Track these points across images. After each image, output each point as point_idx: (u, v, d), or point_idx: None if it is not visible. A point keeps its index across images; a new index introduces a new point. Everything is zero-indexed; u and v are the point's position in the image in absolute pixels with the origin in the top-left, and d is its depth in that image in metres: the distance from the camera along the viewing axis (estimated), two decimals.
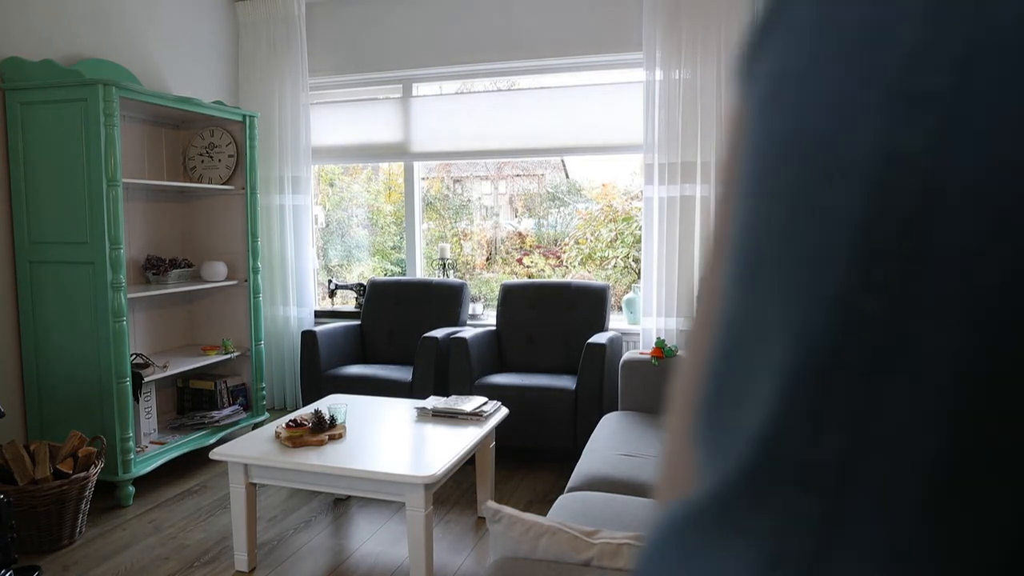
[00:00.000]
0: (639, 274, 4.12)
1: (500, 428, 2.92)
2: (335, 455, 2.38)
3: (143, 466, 3.14)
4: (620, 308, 4.19)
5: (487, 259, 5.10)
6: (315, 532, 2.82)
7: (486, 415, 2.80)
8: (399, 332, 4.10)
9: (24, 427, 3.11)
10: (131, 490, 3.09)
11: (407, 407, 2.96)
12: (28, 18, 3.12)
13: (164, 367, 3.42)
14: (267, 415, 3.96)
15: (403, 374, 3.74)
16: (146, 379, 3.27)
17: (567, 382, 3.47)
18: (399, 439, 2.62)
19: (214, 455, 2.42)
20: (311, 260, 4.51)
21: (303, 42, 4.28)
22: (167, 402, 3.85)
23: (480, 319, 4.30)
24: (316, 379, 3.81)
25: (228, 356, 3.80)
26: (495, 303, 4.09)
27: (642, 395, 3.05)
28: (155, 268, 3.64)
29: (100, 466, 2.79)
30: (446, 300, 4.09)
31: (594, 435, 2.74)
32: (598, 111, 3.98)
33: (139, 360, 3.32)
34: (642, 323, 3.80)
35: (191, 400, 3.83)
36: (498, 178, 5.36)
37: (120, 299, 3.00)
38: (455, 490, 3.21)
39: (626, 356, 3.20)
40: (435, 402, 2.92)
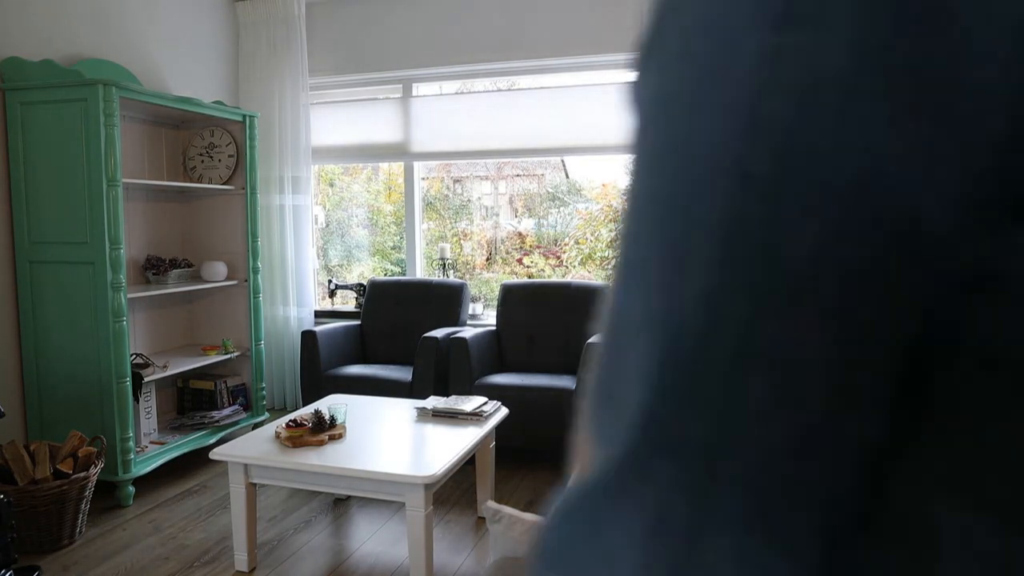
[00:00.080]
0: None
1: (500, 428, 2.92)
2: (335, 455, 2.38)
3: (143, 466, 3.14)
4: None
5: (487, 259, 5.10)
6: (315, 532, 2.82)
7: (486, 415, 2.80)
8: (399, 332, 4.10)
9: (24, 427, 3.11)
10: (131, 490, 3.09)
11: (407, 407, 2.96)
12: (28, 18, 3.12)
13: (164, 367, 3.42)
14: (267, 415, 3.96)
15: (403, 374, 3.75)
16: (146, 379, 3.27)
17: (567, 382, 3.47)
18: (399, 439, 2.62)
19: (214, 455, 2.42)
20: (311, 260, 4.51)
21: (303, 42, 4.28)
22: (167, 402, 3.85)
23: (480, 319, 4.30)
24: (316, 379, 3.81)
25: (228, 356, 3.80)
26: (495, 303, 4.09)
27: None
28: (155, 268, 3.64)
29: (100, 466, 2.79)
30: (446, 300, 4.09)
31: None
32: (598, 111, 3.98)
33: (139, 360, 3.32)
34: None
35: (191, 400, 3.83)
36: (498, 178, 5.36)
37: (120, 299, 3.00)
38: (455, 490, 3.21)
39: None
40: (435, 402, 2.92)
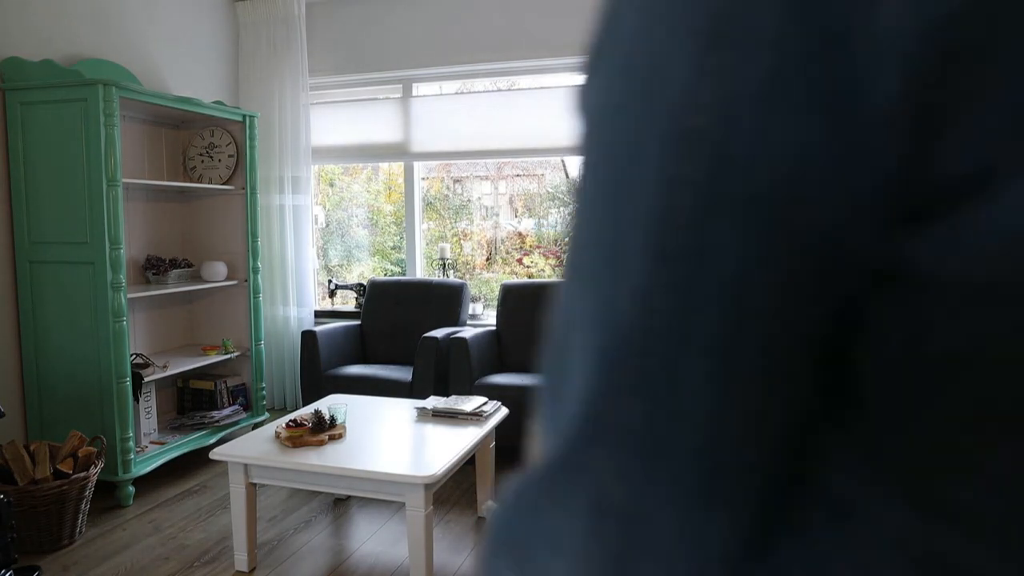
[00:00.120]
0: None
1: (500, 428, 2.92)
2: (335, 455, 2.38)
3: (143, 466, 3.14)
4: None
5: (487, 259, 5.10)
6: (315, 532, 2.82)
7: (486, 415, 2.80)
8: (399, 332, 4.10)
9: (24, 427, 3.11)
10: (131, 490, 3.09)
11: (407, 407, 2.96)
12: (28, 18, 3.12)
13: (164, 367, 3.42)
14: (267, 415, 3.96)
15: (403, 374, 3.74)
16: (146, 379, 3.27)
17: None
18: (399, 439, 2.62)
19: (214, 455, 2.42)
20: (311, 260, 4.51)
21: (303, 42, 4.28)
22: (167, 402, 3.85)
23: (480, 319, 4.30)
24: (316, 379, 3.81)
25: (228, 356, 3.80)
26: (495, 303, 4.09)
27: None
28: (155, 268, 3.64)
29: (100, 466, 2.79)
30: (446, 300, 4.09)
31: None
32: None
33: (139, 360, 3.32)
34: None
35: (191, 400, 3.83)
36: (498, 178, 5.36)
37: (120, 299, 3.00)
38: (455, 490, 3.21)
39: None
40: (435, 402, 2.92)
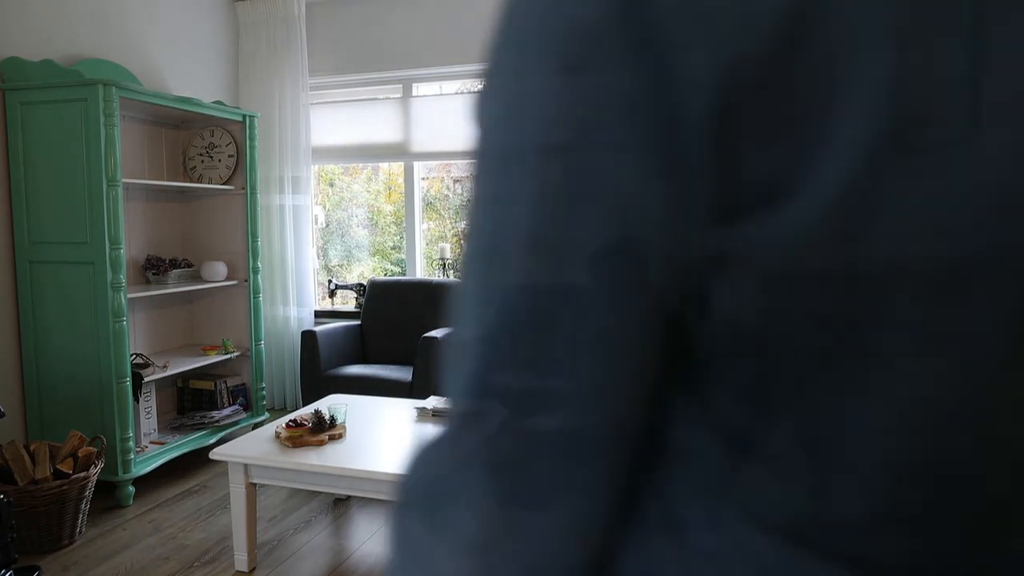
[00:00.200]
0: None
1: None
2: (335, 455, 2.38)
3: (143, 466, 3.14)
4: None
5: None
6: (315, 532, 2.82)
7: None
8: (399, 332, 4.10)
9: (24, 427, 3.11)
10: (131, 490, 3.09)
11: (407, 407, 2.96)
12: (28, 18, 3.12)
13: (164, 367, 3.42)
14: (267, 415, 3.96)
15: (403, 374, 3.74)
16: (146, 379, 3.27)
17: None
18: (399, 439, 2.62)
19: (214, 455, 2.42)
20: (311, 260, 4.51)
21: (303, 42, 4.28)
22: (167, 402, 3.85)
23: None
24: (316, 379, 3.81)
25: (228, 356, 3.80)
26: None
27: None
28: (155, 268, 3.64)
29: (100, 466, 2.79)
30: (446, 300, 4.09)
31: None
32: None
33: (139, 360, 3.32)
34: None
35: (191, 400, 3.83)
36: None
37: (120, 299, 3.00)
38: None
39: None
40: (435, 402, 2.92)
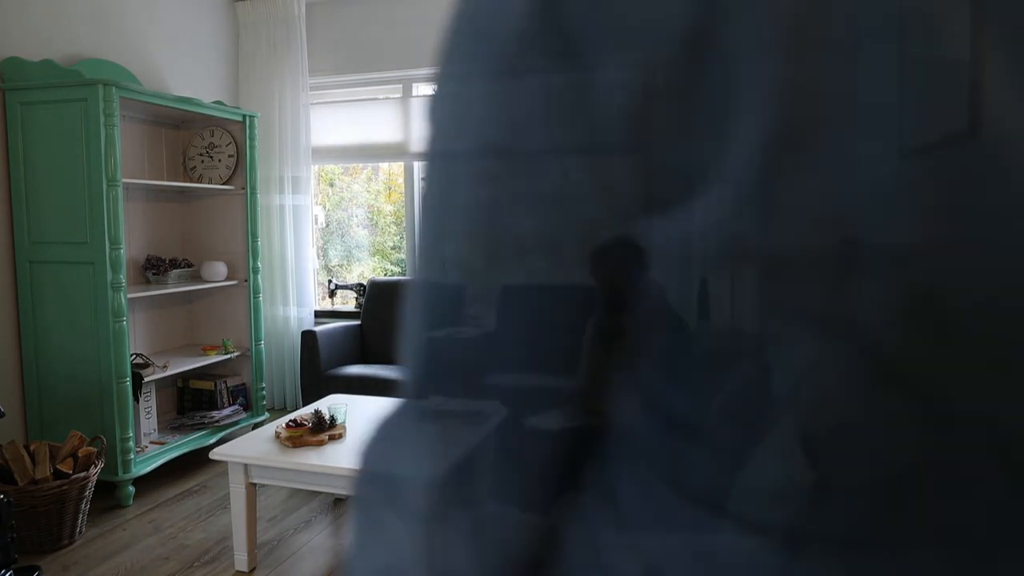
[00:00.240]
0: None
1: None
2: (335, 455, 2.38)
3: (143, 466, 3.14)
4: None
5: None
6: (315, 532, 2.82)
7: (486, 415, 2.80)
8: (399, 332, 4.09)
9: (24, 427, 3.11)
10: (131, 490, 3.09)
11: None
12: (28, 18, 3.12)
13: (164, 367, 3.42)
14: (267, 415, 3.96)
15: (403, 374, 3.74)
16: (146, 379, 3.27)
17: None
18: None
19: (214, 455, 2.42)
20: (311, 260, 4.51)
21: (303, 42, 4.28)
22: (167, 402, 3.85)
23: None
24: (316, 379, 3.81)
25: (228, 356, 3.80)
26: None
27: None
28: (155, 268, 3.64)
29: (100, 466, 2.79)
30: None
31: None
32: None
33: (139, 360, 3.32)
34: None
35: (191, 400, 3.83)
36: None
37: (120, 299, 3.00)
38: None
39: None
40: (435, 402, 2.92)
